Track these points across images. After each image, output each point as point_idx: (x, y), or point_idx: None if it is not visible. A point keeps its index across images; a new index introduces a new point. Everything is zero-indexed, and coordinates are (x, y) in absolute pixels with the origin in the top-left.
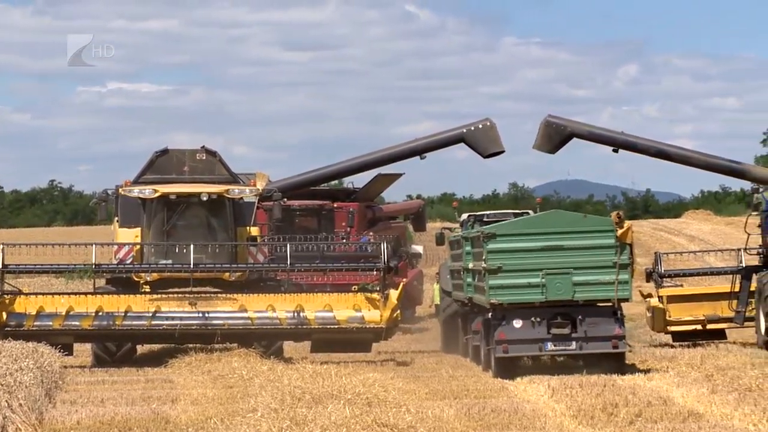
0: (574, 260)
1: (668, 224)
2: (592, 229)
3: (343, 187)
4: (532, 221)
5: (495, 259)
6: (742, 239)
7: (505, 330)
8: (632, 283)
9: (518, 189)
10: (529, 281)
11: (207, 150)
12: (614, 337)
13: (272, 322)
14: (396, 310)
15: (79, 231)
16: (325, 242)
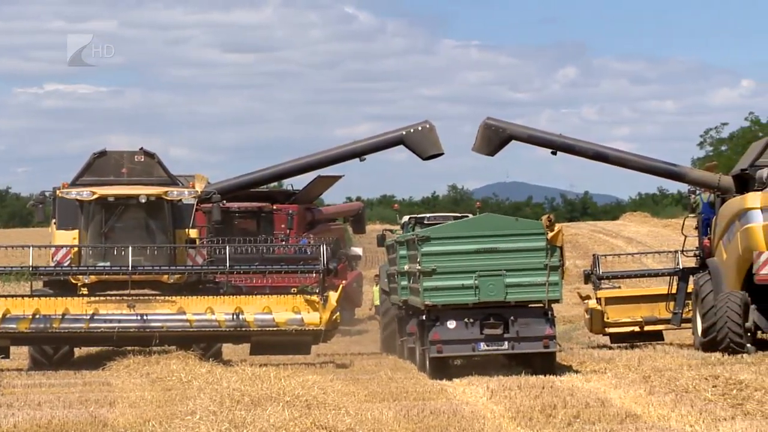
0: (506, 262)
1: (606, 226)
2: (524, 233)
3: (283, 189)
4: (465, 224)
5: (429, 262)
6: (680, 241)
7: (439, 331)
8: (562, 285)
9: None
10: (462, 283)
11: (145, 152)
12: (545, 337)
13: (211, 325)
14: (335, 312)
15: (16, 233)
16: (265, 244)
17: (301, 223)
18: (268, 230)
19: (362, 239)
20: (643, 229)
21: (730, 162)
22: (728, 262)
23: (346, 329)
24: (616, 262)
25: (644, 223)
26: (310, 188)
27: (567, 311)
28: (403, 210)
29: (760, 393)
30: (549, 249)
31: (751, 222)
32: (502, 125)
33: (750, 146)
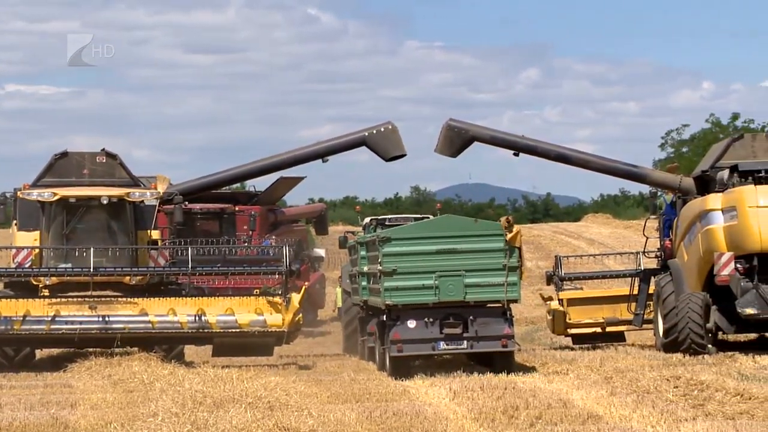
0: (465, 263)
1: (568, 228)
2: (483, 233)
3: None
4: (425, 226)
5: (390, 262)
6: (641, 242)
7: (399, 330)
8: (521, 285)
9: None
10: (422, 283)
11: (107, 153)
12: (504, 336)
13: (173, 326)
14: (298, 314)
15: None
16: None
17: (264, 224)
18: (230, 231)
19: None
20: (604, 231)
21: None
22: (689, 264)
23: (309, 330)
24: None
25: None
26: (272, 189)
27: (529, 312)
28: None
29: (721, 393)
30: (508, 250)
31: (712, 223)
32: (464, 126)
33: (711, 148)
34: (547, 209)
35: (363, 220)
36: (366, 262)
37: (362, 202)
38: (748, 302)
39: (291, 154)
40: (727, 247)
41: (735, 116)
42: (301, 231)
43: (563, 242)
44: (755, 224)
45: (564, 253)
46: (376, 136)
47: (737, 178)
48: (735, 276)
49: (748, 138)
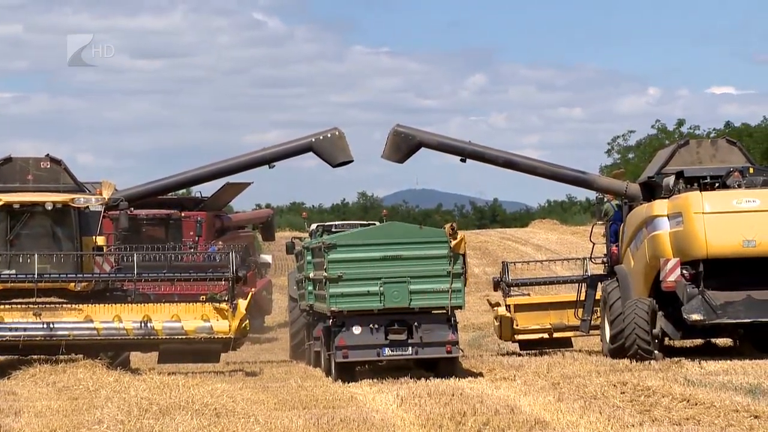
0: (410, 269)
1: (515, 233)
2: (427, 240)
3: (191, 196)
4: (371, 232)
5: (335, 269)
6: (588, 248)
7: (344, 336)
8: (465, 292)
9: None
10: (368, 290)
11: (51, 158)
12: (448, 342)
13: (119, 333)
14: (245, 320)
15: None
16: (173, 252)
17: (210, 230)
18: (176, 237)
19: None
20: (551, 237)
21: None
22: (636, 270)
23: (256, 337)
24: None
25: (553, 230)
26: (219, 195)
27: (476, 318)
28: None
29: (668, 399)
30: (452, 257)
31: (657, 229)
32: (411, 132)
33: (657, 154)
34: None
35: (310, 226)
36: (312, 268)
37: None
38: (694, 308)
39: (237, 159)
40: (673, 253)
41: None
42: (247, 237)
43: (510, 248)
44: (701, 230)
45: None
46: (322, 142)
47: (683, 184)
48: (681, 282)
49: (694, 144)
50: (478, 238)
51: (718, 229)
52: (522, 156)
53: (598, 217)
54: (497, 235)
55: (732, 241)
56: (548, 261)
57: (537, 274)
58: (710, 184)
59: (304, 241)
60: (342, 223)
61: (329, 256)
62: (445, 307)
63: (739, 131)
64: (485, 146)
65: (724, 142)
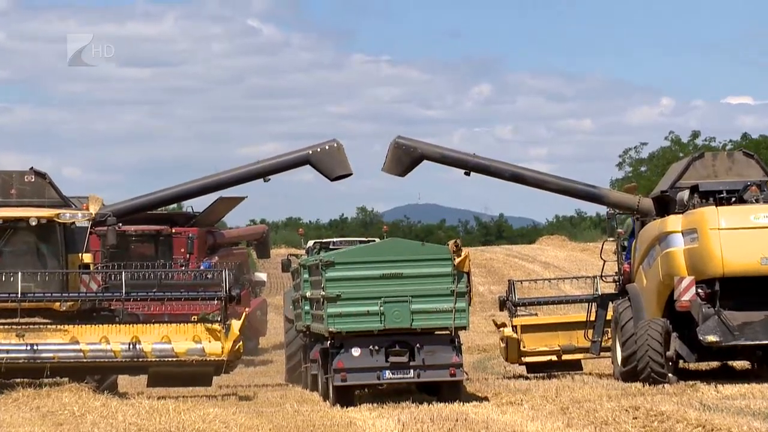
0: (412, 288)
1: (522, 250)
2: (430, 258)
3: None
4: (370, 249)
5: (333, 287)
6: (598, 266)
7: (343, 358)
8: (469, 312)
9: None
10: (367, 309)
11: (36, 172)
12: (452, 365)
13: (106, 355)
14: (238, 342)
15: None
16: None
17: (202, 247)
18: (166, 255)
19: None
20: (560, 254)
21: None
22: (649, 288)
23: (250, 359)
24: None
25: (562, 247)
26: (211, 210)
27: (481, 339)
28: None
29: (682, 425)
30: (456, 275)
31: (671, 246)
32: (413, 144)
33: (670, 167)
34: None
35: (307, 243)
36: (309, 287)
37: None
38: (710, 329)
39: (231, 173)
40: (688, 271)
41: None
42: (241, 254)
43: (517, 266)
44: (717, 247)
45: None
46: (320, 155)
47: (698, 198)
48: (696, 301)
49: (709, 157)
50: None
51: (734, 246)
52: (529, 169)
53: (608, 234)
54: (503, 252)
55: (749, 259)
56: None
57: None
58: (726, 198)
59: (300, 258)
60: (340, 240)
61: (327, 275)
62: (449, 328)
63: (757, 143)
64: (490, 159)
65: (740, 154)
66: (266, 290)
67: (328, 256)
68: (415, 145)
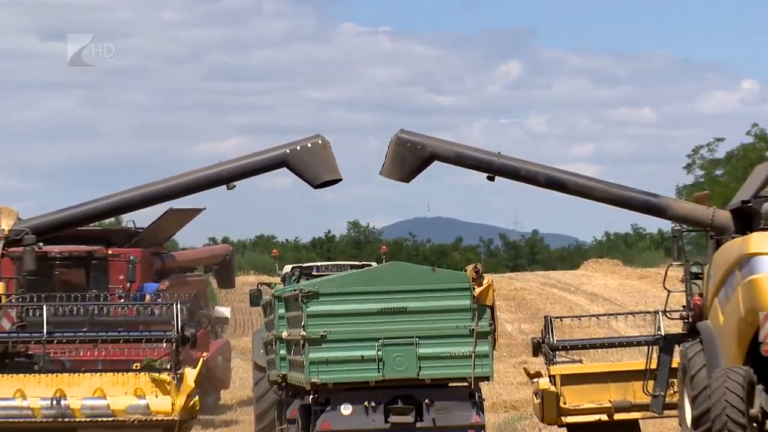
0: (419, 327)
1: (562, 278)
2: (443, 287)
3: (122, 227)
4: (365, 276)
5: (317, 326)
6: (660, 298)
7: (330, 418)
8: (494, 357)
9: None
10: (361, 354)
11: None
12: (471, 426)
13: (22, 414)
14: (193, 396)
15: None
16: (96, 302)
17: (147, 273)
18: (100, 283)
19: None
20: (611, 282)
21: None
22: (726, 327)
23: (209, 419)
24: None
25: (613, 273)
26: (159, 226)
27: (509, 394)
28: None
29: None
30: (476, 309)
31: (756, 272)
32: (420, 140)
33: (754, 170)
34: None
35: (283, 268)
36: (286, 326)
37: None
38: None
39: (185, 177)
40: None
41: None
42: (198, 282)
43: (555, 298)
44: None
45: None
46: (300, 154)
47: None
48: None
49: None
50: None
51: None
52: (571, 173)
53: (674, 256)
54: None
55: None
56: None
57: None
58: None
59: (274, 288)
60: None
61: (309, 309)
62: (467, 379)
63: None
64: (521, 159)
65: None
66: (230, 329)
67: (311, 285)
68: (423, 141)
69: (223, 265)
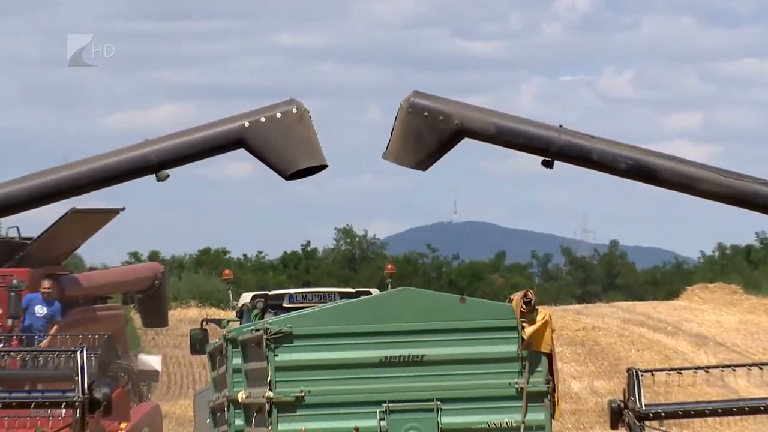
0: (442, 385)
1: (655, 312)
2: (477, 326)
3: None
4: (362, 310)
5: (290, 383)
6: None
7: None
8: (554, 430)
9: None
10: (356, 425)
11: None
12: None
13: None
14: None
15: None
16: None
17: None
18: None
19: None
20: (727, 318)
21: None
22: None
23: None
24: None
25: (730, 305)
26: (55, 235)
27: None
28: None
29: None
30: (526, 358)
31: None
32: (444, 108)
33: None
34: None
35: (239, 297)
36: (243, 383)
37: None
38: None
39: (94, 163)
40: None
41: None
42: (113, 319)
43: (645, 342)
44: None
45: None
46: (266, 130)
47: None
48: None
49: None
50: (581, 321)
51: None
52: (666, 156)
53: None
54: (618, 315)
55: None
56: (721, 368)
57: (699, 394)
58: None
59: (226, 327)
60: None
61: (278, 359)
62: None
63: None
64: (592, 136)
65: None
66: (161, 388)
67: (281, 322)
68: (447, 109)
69: (150, 294)
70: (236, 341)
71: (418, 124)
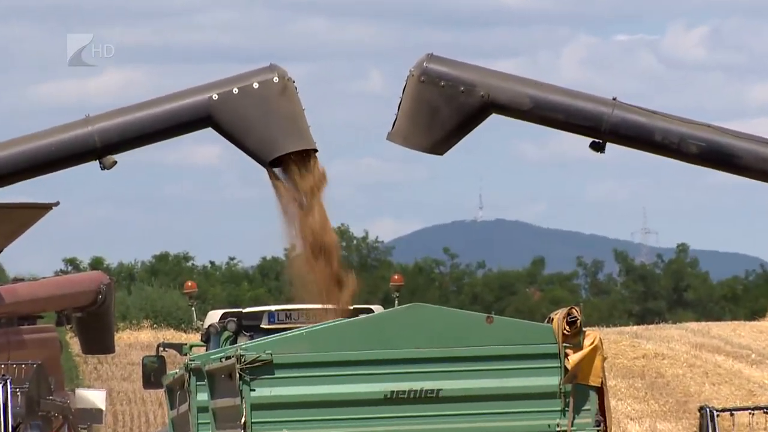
0: (462, 427)
1: (733, 335)
2: (508, 353)
3: None
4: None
5: (268, 425)
6: None
7: None
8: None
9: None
10: None
11: None
12: None
13: None
14: None
15: None
16: None
17: None
18: None
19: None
20: None
21: None
22: None
23: None
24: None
25: None
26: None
27: None
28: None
29: None
30: (570, 393)
31: None
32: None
33: None
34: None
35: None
36: (211, 424)
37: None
38: None
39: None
40: None
41: None
42: (45, 342)
43: (721, 373)
44: None
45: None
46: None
47: None
48: None
49: None
50: (640, 346)
51: None
52: (748, 136)
53: None
54: (687, 339)
55: None
56: None
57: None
58: None
59: (189, 353)
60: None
61: (255, 394)
62: None
63: None
64: (652, 111)
65: None
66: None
67: (258, 347)
68: (469, 77)
69: (92, 312)
70: (201, 372)
71: (432, 97)
